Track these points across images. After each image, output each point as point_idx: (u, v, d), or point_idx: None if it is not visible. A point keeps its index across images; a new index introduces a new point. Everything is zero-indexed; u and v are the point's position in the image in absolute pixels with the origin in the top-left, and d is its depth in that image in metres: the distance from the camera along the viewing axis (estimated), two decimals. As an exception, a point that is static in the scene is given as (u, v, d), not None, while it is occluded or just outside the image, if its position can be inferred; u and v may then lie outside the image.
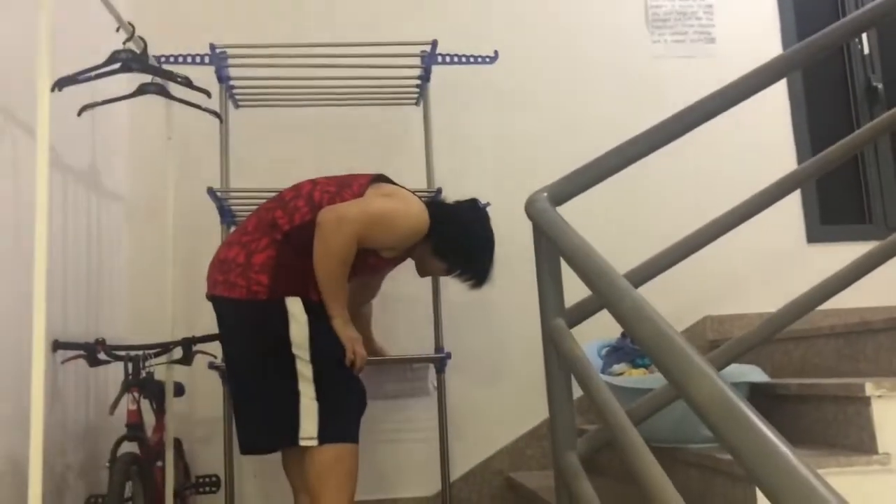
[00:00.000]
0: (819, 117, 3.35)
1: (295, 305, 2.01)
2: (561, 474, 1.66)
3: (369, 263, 2.17)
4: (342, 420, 2.03)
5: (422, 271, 2.34)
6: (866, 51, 3.40)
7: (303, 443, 1.97)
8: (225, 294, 2.05)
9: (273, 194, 2.65)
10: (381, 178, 2.23)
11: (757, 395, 2.09)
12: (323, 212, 2.01)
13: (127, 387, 2.23)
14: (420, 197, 2.23)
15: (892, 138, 3.37)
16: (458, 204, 2.32)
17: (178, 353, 2.43)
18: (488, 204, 2.44)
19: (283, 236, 2.05)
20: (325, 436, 1.98)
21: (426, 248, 2.22)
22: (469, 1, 3.26)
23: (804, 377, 2.32)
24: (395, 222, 2.10)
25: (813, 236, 3.26)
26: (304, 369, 1.99)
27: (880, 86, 3.37)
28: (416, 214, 2.13)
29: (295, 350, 1.99)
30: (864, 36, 3.39)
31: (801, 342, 2.42)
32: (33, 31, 1.82)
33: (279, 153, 3.06)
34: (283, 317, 2.00)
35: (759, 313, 3.05)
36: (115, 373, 2.49)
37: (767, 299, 2.97)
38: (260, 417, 2.07)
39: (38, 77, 1.77)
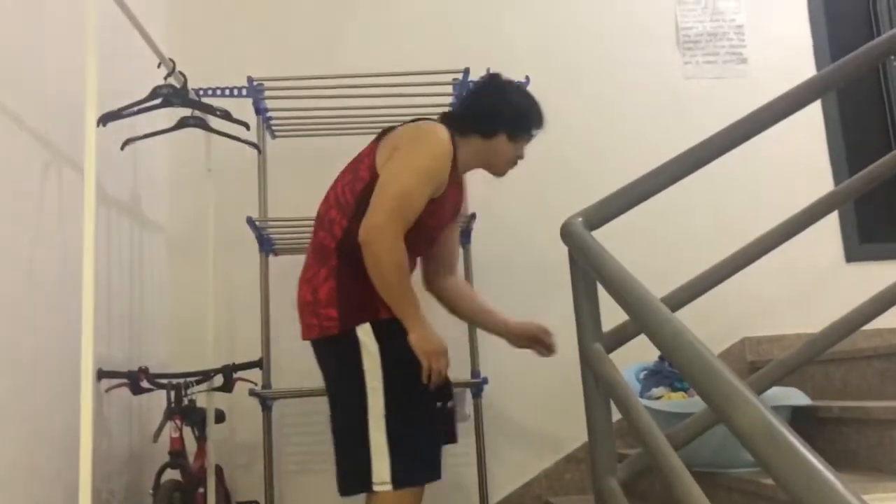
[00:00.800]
0: (855, 137, 3.32)
1: (365, 334, 1.90)
2: (601, 499, 1.66)
3: (431, 226, 2.02)
4: (414, 460, 1.88)
5: (499, 170, 2.17)
6: (902, 68, 3.38)
7: (376, 488, 1.84)
8: (307, 336, 2.00)
9: (310, 222, 2.71)
10: (386, 132, 2.08)
11: (799, 417, 2.07)
12: (359, 234, 1.89)
13: (169, 414, 2.27)
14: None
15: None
16: (465, 103, 2.20)
17: (218, 380, 2.47)
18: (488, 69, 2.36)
19: (336, 259, 1.96)
20: (398, 479, 1.83)
21: (488, 145, 2.09)
22: (499, 27, 3.30)
23: (846, 399, 2.29)
24: (421, 168, 1.92)
25: (852, 255, 3.23)
26: (376, 402, 1.86)
27: (918, 104, 3.33)
28: (431, 136, 1.97)
29: (368, 381, 1.88)
30: (899, 53, 3.36)
31: (842, 364, 2.39)
32: (78, 67, 1.89)
33: (316, 182, 3.07)
34: (356, 348, 1.90)
35: (797, 334, 3.02)
36: (157, 400, 2.54)
37: (806, 320, 2.93)
38: (340, 460, 1.96)
39: (85, 113, 1.83)
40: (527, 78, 2.91)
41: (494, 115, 2.09)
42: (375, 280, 1.88)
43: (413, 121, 2.10)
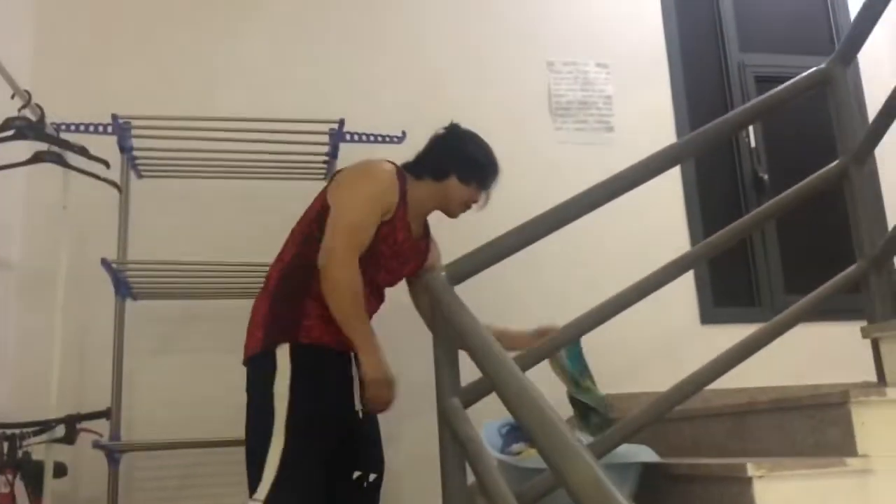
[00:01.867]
0: (711, 206, 3.53)
1: (283, 356, 1.95)
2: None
3: (384, 253, 2.14)
4: (295, 493, 1.88)
5: (452, 212, 2.33)
6: (753, 143, 3.63)
7: (250, 502, 1.88)
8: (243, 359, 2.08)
9: (172, 266, 2.62)
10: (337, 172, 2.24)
11: (651, 475, 2.12)
12: (318, 261, 2.00)
13: (0, 468, 2.10)
14: None
15: (779, 226, 3.57)
16: (426, 149, 2.34)
17: (60, 431, 2.31)
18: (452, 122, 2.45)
19: (275, 283, 2.08)
20: (270, 501, 1.85)
21: (440, 187, 2.24)
22: (374, 84, 3.33)
23: (696, 457, 2.38)
24: (365, 193, 2.08)
25: (707, 318, 3.40)
26: (279, 426, 1.89)
27: (766, 176, 3.58)
28: (373, 166, 2.16)
29: (276, 403, 1.91)
30: (752, 130, 3.62)
31: (693, 422, 2.49)
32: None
33: (182, 224, 3.01)
34: (272, 369, 1.94)
35: (656, 392, 3.12)
36: (-10, 453, 2.34)
37: (666, 378, 3.02)
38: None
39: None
40: (403, 133, 2.96)
41: (447, 158, 2.26)
42: (332, 304, 1.96)
43: None
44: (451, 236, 3.11)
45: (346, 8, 3.40)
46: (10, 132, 2.19)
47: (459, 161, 2.27)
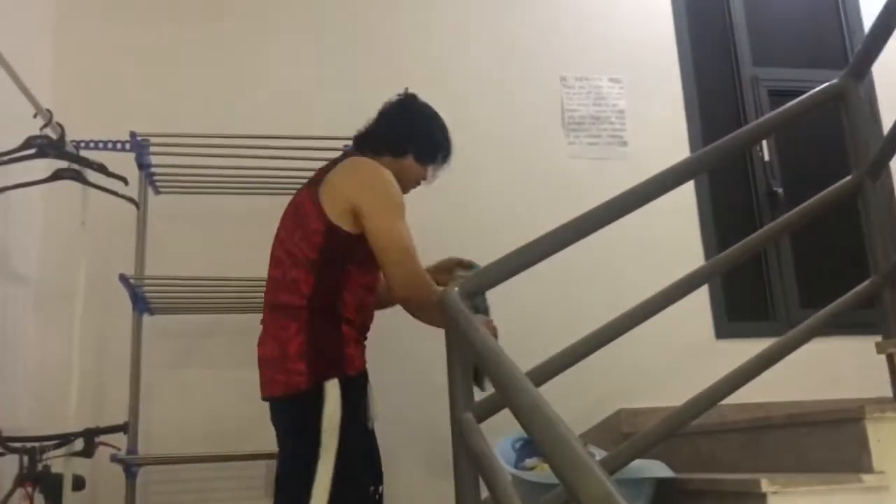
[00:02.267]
0: (725, 220, 3.53)
1: (332, 389, 1.88)
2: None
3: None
4: None
5: (404, 189, 2.18)
6: (766, 157, 3.62)
7: None
8: (269, 393, 1.97)
9: (189, 281, 2.64)
10: (315, 182, 2.08)
11: (665, 490, 2.12)
12: (396, 294, 2.00)
13: (20, 481, 2.12)
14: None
15: (793, 240, 3.56)
16: (381, 118, 2.25)
17: (79, 444, 2.34)
18: (406, 89, 2.41)
19: (307, 314, 1.94)
20: None
21: (396, 165, 2.15)
22: (393, 93, 3.35)
23: (711, 472, 2.37)
24: (397, 207, 2.03)
25: (721, 332, 3.39)
26: (326, 463, 1.83)
27: (780, 190, 3.58)
28: (388, 175, 2.06)
29: (324, 440, 1.84)
30: (765, 144, 3.62)
31: (709, 437, 2.48)
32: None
33: (200, 240, 3.04)
34: (319, 404, 1.87)
35: (672, 407, 3.11)
36: (10, 466, 2.37)
37: (680, 393, 3.02)
38: None
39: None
40: (416, 148, 2.97)
41: (406, 135, 2.19)
42: (426, 319, 2.02)
43: (337, 159, 2.14)
44: (463, 251, 3.13)
45: (363, 25, 3.44)
46: (32, 150, 2.23)
47: (417, 139, 2.20)
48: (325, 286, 1.96)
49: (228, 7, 3.36)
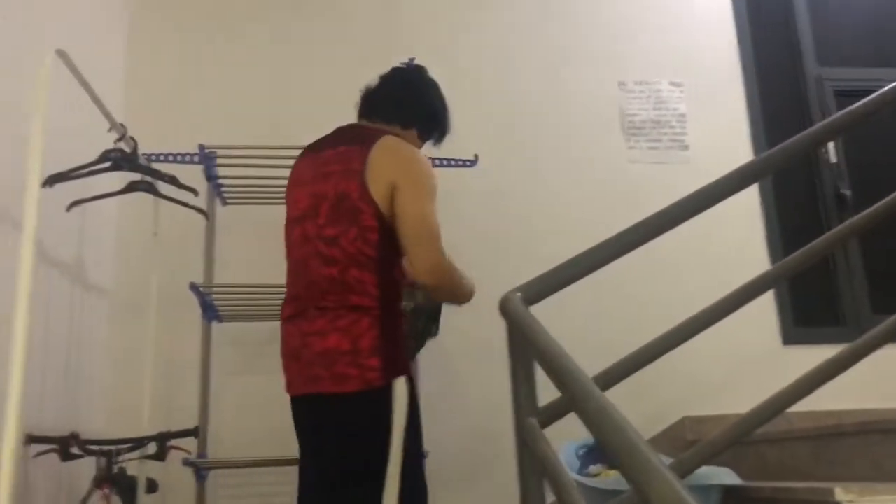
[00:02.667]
0: (791, 223, 3.46)
1: (401, 388, 1.86)
2: (533, 578, 1.64)
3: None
4: None
5: None
6: (833, 159, 3.54)
7: None
8: (336, 389, 1.84)
9: (255, 289, 2.68)
10: (355, 160, 1.98)
11: (732, 499, 2.09)
12: (421, 278, 1.93)
13: (98, 483, 2.20)
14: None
15: (862, 243, 3.47)
16: (391, 83, 2.22)
17: (152, 448, 2.41)
18: (412, 59, 2.43)
19: (379, 311, 1.90)
20: None
21: (402, 135, 2.10)
22: (450, 102, 3.38)
23: (779, 480, 2.32)
24: (434, 190, 2.00)
25: (788, 338, 3.32)
26: (395, 462, 1.81)
27: (848, 193, 3.49)
28: (422, 162, 2.03)
29: (394, 438, 1.82)
30: (832, 145, 3.54)
31: (775, 444, 2.43)
32: (29, 129, 1.89)
33: (265, 248, 3.10)
34: (389, 402, 1.84)
35: (737, 414, 3.06)
36: (88, 468, 2.46)
37: (746, 400, 2.96)
38: None
39: (28, 176, 1.82)
40: (475, 156, 3.01)
41: (415, 108, 2.17)
42: (451, 294, 2.06)
43: (362, 133, 2.07)
44: (523, 257, 3.14)
45: (418, 32, 3.48)
46: (107, 164, 2.32)
47: (425, 114, 2.18)
48: (388, 283, 1.94)
49: (291, 20, 3.43)
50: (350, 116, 3.31)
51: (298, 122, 3.28)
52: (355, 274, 1.90)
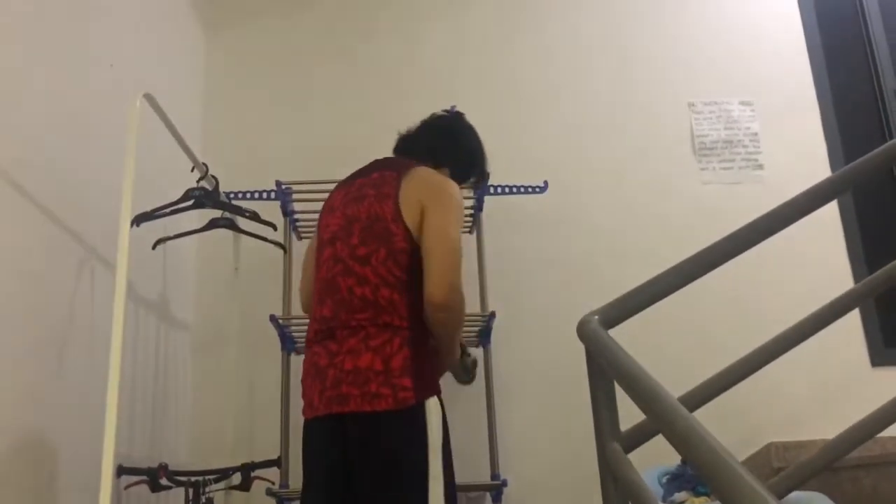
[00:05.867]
0: (874, 238, 3.34)
1: (434, 407, 1.87)
2: None
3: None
4: None
5: None
6: (917, 173, 3.43)
7: None
8: (369, 408, 1.82)
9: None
10: (391, 183, 2.03)
11: (827, 525, 2.01)
12: (438, 299, 1.90)
13: (187, 513, 2.26)
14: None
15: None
16: (428, 126, 2.28)
17: (236, 478, 2.46)
18: (454, 106, 2.46)
19: (409, 332, 1.90)
20: None
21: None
22: (519, 129, 3.41)
23: (877, 507, 2.23)
24: (461, 219, 2.05)
25: (877, 360, 3.19)
26: (436, 475, 1.82)
27: (934, 207, 3.37)
28: (452, 186, 2.08)
29: (431, 458, 1.82)
30: (914, 158, 3.42)
31: (871, 469, 2.34)
32: (115, 167, 1.98)
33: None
34: (424, 421, 1.85)
35: (825, 439, 2.95)
36: (175, 499, 2.52)
37: (834, 425, 2.86)
38: None
39: (121, 216, 1.90)
40: (545, 182, 3.01)
41: (448, 150, 2.21)
42: (452, 334, 2.03)
43: (394, 167, 2.09)
44: (598, 281, 3.11)
45: (483, 59, 3.53)
46: (191, 202, 2.40)
47: (460, 157, 2.23)
48: (418, 304, 1.92)
49: (360, 54, 3.52)
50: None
51: (366, 154, 3.34)
52: (386, 294, 1.91)
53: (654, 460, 2.30)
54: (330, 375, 1.89)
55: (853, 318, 3.18)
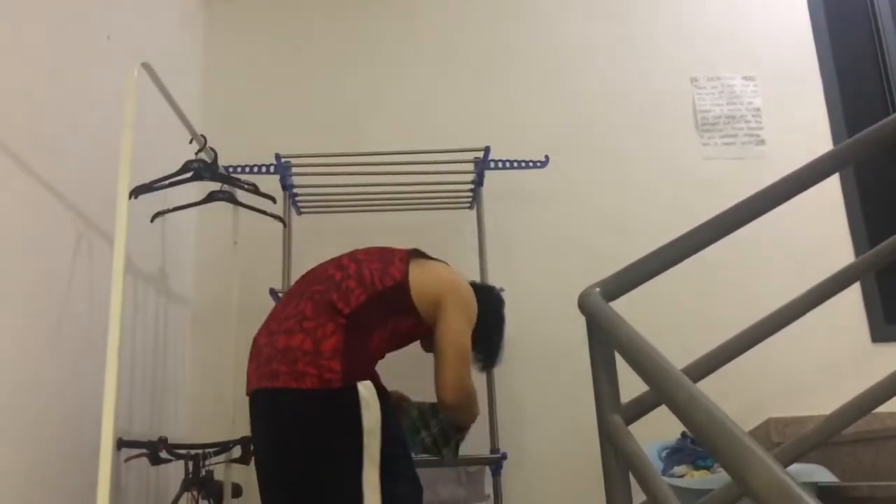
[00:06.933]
0: (876, 212, 3.33)
1: (366, 389, 1.91)
2: (622, 577, 1.61)
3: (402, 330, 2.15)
4: None
5: (429, 347, 2.23)
6: (920, 149, 3.41)
7: None
8: (291, 385, 1.89)
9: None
10: (417, 254, 2.19)
11: (827, 498, 2.01)
12: (446, 397, 2.05)
13: (186, 486, 2.25)
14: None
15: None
16: (480, 288, 2.33)
17: (237, 452, 2.46)
18: (503, 289, 2.54)
19: (346, 319, 1.96)
20: None
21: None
22: (518, 107, 3.39)
23: (875, 481, 2.23)
24: (470, 313, 2.14)
25: (878, 335, 3.18)
26: (373, 458, 1.88)
27: (937, 183, 3.35)
28: (470, 294, 2.18)
29: (365, 438, 1.88)
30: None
31: (870, 444, 2.34)
32: (113, 139, 1.96)
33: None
34: (355, 403, 1.89)
35: (824, 415, 2.95)
36: (175, 472, 2.53)
37: (834, 401, 2.86)
38: None
39: (118, 188, 1.88)
40: (546, 157, 2.99)
41: (488, 339, 2.34)
42: (464, 423, 2.26)
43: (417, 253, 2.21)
44: (602, 256, 3.10)
45: (484, 35, 3.50)
46: (189, 174, 2.38)
47: (487, 341, 2.32)
48: (372, 310, 2.00)
49: (361, 28, 3.49)
50: (417, 121, 3.36)
51: (366, 129, 3.33)
52: (352, 285, 2.03)
53: (654, 436, 2.30)
54: (265, 353, 1.97)
55: (854, 294, 3.17)
